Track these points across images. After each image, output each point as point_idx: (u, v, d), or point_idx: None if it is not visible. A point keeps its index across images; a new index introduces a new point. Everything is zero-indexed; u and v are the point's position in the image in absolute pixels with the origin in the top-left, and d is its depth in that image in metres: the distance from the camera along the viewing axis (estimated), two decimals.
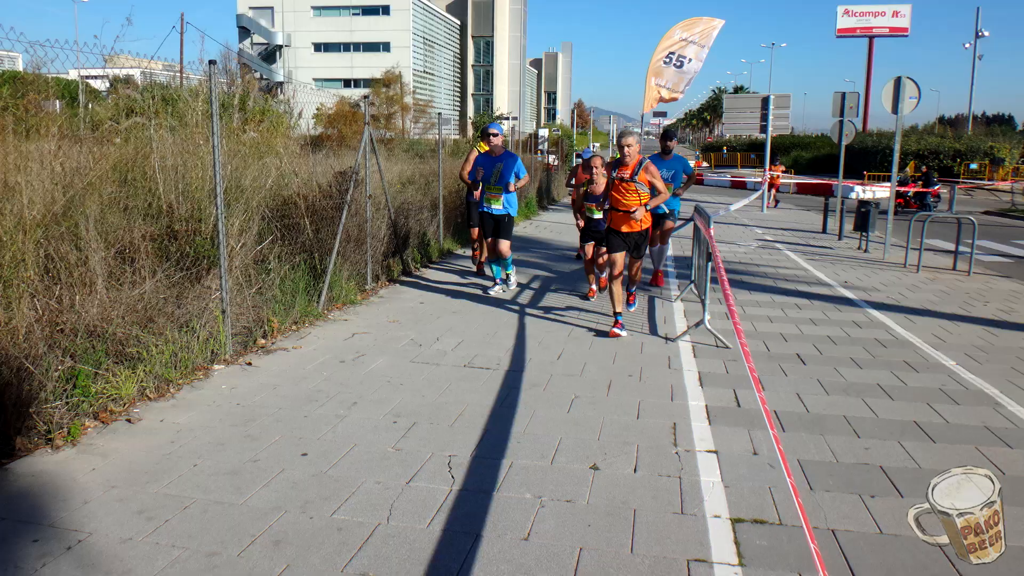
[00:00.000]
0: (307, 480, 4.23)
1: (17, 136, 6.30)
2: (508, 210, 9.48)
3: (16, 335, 4.75)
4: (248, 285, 7.33)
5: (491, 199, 9.47)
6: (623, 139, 7.58)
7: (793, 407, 5.57)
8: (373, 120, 35.30)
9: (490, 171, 9.41)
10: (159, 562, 3.36)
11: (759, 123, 23.67)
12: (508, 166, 9.39)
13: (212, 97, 6.24)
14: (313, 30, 72.93)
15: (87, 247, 5.82)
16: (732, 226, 19.19)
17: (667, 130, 10.47)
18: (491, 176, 9.40)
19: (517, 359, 6.74)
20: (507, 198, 9.45)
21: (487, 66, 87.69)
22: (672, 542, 3.62)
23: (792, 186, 36.27)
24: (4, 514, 3.75)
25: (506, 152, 9.63)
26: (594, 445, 4.80)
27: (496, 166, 9.39)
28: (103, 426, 4.92)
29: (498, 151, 9.54)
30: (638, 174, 7.44)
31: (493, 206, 9.46)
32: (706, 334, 7.54)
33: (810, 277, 11.50)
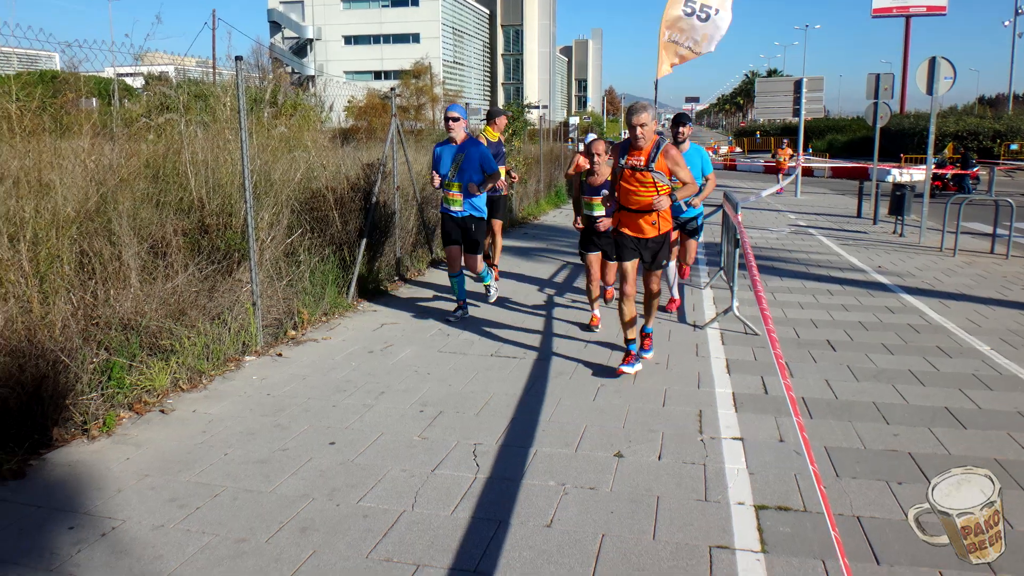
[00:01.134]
0: (334, 468, 4.30)
1: (52, 134, 6.45)
2: (472, 211, 7.58)
3: (53, 329, 4.88)
4: (279, 277, 7.43)
5: (451, 199, 7.57)
6: (634, 116, 5.75)
7: (821, 394, 5.52)
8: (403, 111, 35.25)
9: (448, 164, 7.49)
10: (189, 548, 3.45)
11: (792, 107, 23.37)
12: (471, 158, 7.40)
13: (239, 92, 6.32)
14: (343, 23, 73.32)
15: (120, 242, 5.95)
16: (764, 212, 19.00)
17: (679, 115, 8.25)
18: (449, 170, 7.48)
19: (543, 348, 6.76)
20: (471, 199, 7.55)
21: (517, 55, 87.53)
22: (695, 529, 3.62)
23: (827, 170, 35.76)
24: (41, 502, 3.87)
25: (469, 139, 7.54)
26: (619, 433, 4.81)
27: (456, 157, 7.44)
28: (137, 417, 5.04)
29: (459, 139, 7.46)
30: (655, 160, 5.76)
31: (452, 208, 7.59)
32: (735, 321, 7.49)
33: (843, 262, 11.35)
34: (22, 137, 6.10)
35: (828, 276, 10.20)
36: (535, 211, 17.95)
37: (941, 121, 41.73)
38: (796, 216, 18.00)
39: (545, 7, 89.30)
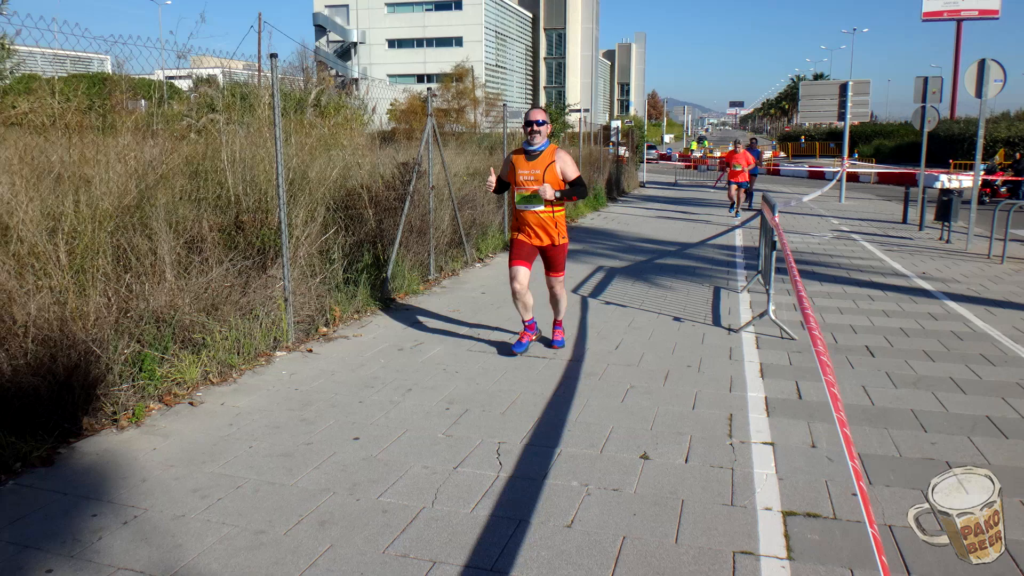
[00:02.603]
0: (357, 463, 4.30)
1: (97, 133, 6.57)
2: None
3: (86, 320, 4.95)
4: (312, 275, 7.48)
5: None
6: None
7: (858, 400, 5.38)
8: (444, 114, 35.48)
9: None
10: (208, 539, 3.46)
11: (837, 110, 22.96)
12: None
13: (274, 89, 6.37)
14: (387, 27, 73.97)
15: (157, 237, 6.03)
16: (807, 216, 18.69)
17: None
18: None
19: (574, 348, 6.70)
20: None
21: (559, 58, 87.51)
22: (719, 533, 3.54)
23: (872, 175, 35.09)
24: (67, 490, 3.92)
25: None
26: (646, 435, 4.73)
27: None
28: (167, 408, 5.09)
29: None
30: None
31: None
32: (770, 325, 7.35)
33: (886, 268, 11.10)
34: (64, 134, 6.23)
35: (869, 281, 9.98)
36: (573, 214, 17.88)
37: (992, 126, 40.64)
38: (839, 221, 17.67)
39: (589, 11, 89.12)
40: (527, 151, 6.17)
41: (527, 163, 6.15)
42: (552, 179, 6.04)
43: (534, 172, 6.10)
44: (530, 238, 6.30)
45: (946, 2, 51.23)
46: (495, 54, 75.22)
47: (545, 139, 6.18)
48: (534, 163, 6.12)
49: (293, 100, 12.45)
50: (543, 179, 6.04)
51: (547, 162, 6.08)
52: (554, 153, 6.13)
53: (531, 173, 6.10)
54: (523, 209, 6.21)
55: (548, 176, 6.05)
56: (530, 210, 6.19)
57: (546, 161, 6.09)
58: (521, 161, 6.19)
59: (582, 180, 6.22)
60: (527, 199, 6.15)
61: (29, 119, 6.66)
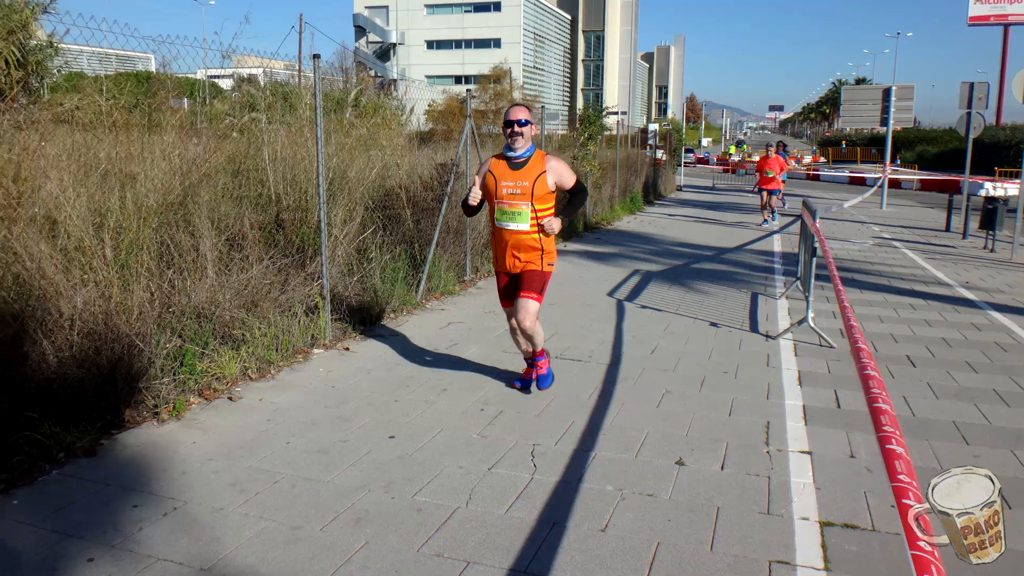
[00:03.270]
0: (392, 462, 4.32)
1: (142, 131, 6.70)
2: None
3: (130, 314, 5.05)
4: (350, 273, 7.55)
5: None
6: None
7: (898, 410, 5.28)
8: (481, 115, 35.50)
9: None
10: (246, 532, 3.51)
11: (879, 115, 22.60)
12: None
13: (316, 90, 6.44)
14: (426, 28, 74.34)
15: (199, 234, 6.13)
16: (846, 223, 18.42)
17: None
18: None
19: (610, 352, 6.67)
20: None
21: (597, 61, 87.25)
22: (755, 542, 3.50)
23: (915, 182, 34.50)
24: (109, 480, 4.00)
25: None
26: (681, 440, 4.70)
27: None
28: (206, 402, 5.17)
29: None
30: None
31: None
32: (809, 332, 7.26)
33: (928, 276, 10.90)
34: (111, 131, 6.36)
35: (911, 290, 9.80)
36: (609, 216, 17.82)
37: None
38: (880, 228, 17.39)
39: (627, 13, 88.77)
40: (509, 158, 5.11)
41: (511, 173, 5.07)
42: (543, 193, 5.04)
43: (520, 184, 5.03)
44: (507, 264, 5.25)
45: (993, 6, 50.23)
46: (533, 56, 75.23)
47: (530, 143, 5.14)
48: (519, 173, 5.04)
49: (332, 100, 12.59)
50: (532, 193, 5.00)
51: (536, 172, 5.03)
52: (544, 161, 5.08)
53: (516, 185, 5.03)
54: (503, 227, 5.15)
55: (538, 189, 5.01)
56: (511, 229, 5.11)
57: (535, 171, 5.03)
58: (503, 170, 5.10)
59: (581, 184, 5.28)
60: (509, 215, 5.09)
61: (77, 116, 6.80)
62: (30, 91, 13.31)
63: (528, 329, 5.15)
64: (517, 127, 5.03)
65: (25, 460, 4.08)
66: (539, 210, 5.07)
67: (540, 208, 5.07)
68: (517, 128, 5.03)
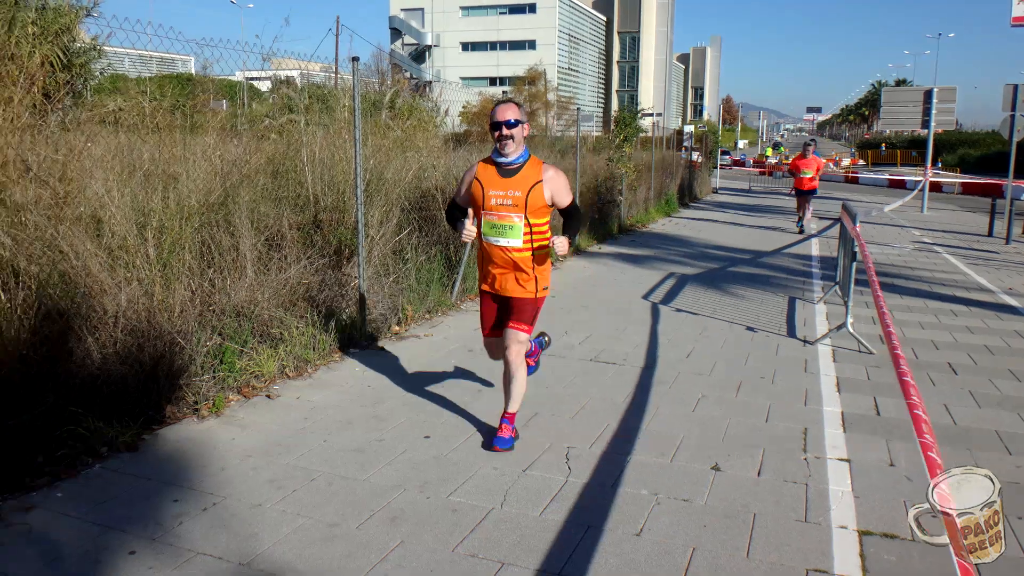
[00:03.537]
0: (427, 461, 4.35)
1: (184, 132, 6.81)
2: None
3: (171, 312, 5.14)
4: (386, 274, 7.61)
5: None
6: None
7: (939, 418, 5.20)
8: None
9: None
10: (284, 528, 3.55)
11: (920, 118, 22.21)
12: None
13: (355, 92, 6.50)
14: (461, 30, 74.61)
15: (239, 234, 6.21)
16: (886, 227, 18.14)
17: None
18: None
19: (645, 356, 6.64)
20: None
21: (632, 62, 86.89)
22: (792, 550, 3.47)
23: (956, 186, 33.85)
24: (151, 475, 4.08)
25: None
26: (717, 445, 4.67)
27: None
28: (245, 400, 5.25)
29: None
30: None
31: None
32: (848, 338, 7.16)
33: (970, 282, 10.69)
34: (154, 133, 6.48)
35: (952, 296, 9.62)
36: (644, 219, 17.75)
37: None
38: (920, 232, 17.10)
39: (663, 14, 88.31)
40: (499, 164, 4.41)
41: (500, 180, 4.38)
42: (539, 205, 4.36)
43: (511, 194, 4.33)
44: (498, 286, 4.59)
45: None
46: (568, 57, 75.14)
47: (522, 147, 4.43)
48: (511, 182, 4.36)
49: (368, 102, 12.69)
50: (526, 205, 4.32)
51: (531, 182, 4.34)
52: (540, 170, 4.38)
53: (507, 195, 4.34)
54: (491, 243, 4.45)
55: (533, 201, 4.32)
56: (502, 245, 4.42)
57: (530, 180, 4.34)
58: (491, 177, 4.41)
59: (577, 206, 4.55)
60: (499, 229, 4.39)
61: (121, 118, 6.94)
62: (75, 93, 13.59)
63: (512, 361, 4.57)
64: (506, 129, 4.30)
65: (69, 454, 4.17)
66: (535, 225, 4.39)
67: (536, 222, 4.40)
68: (506, 130, 4.30)
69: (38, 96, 5.64)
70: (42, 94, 5.75)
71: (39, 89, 5.64)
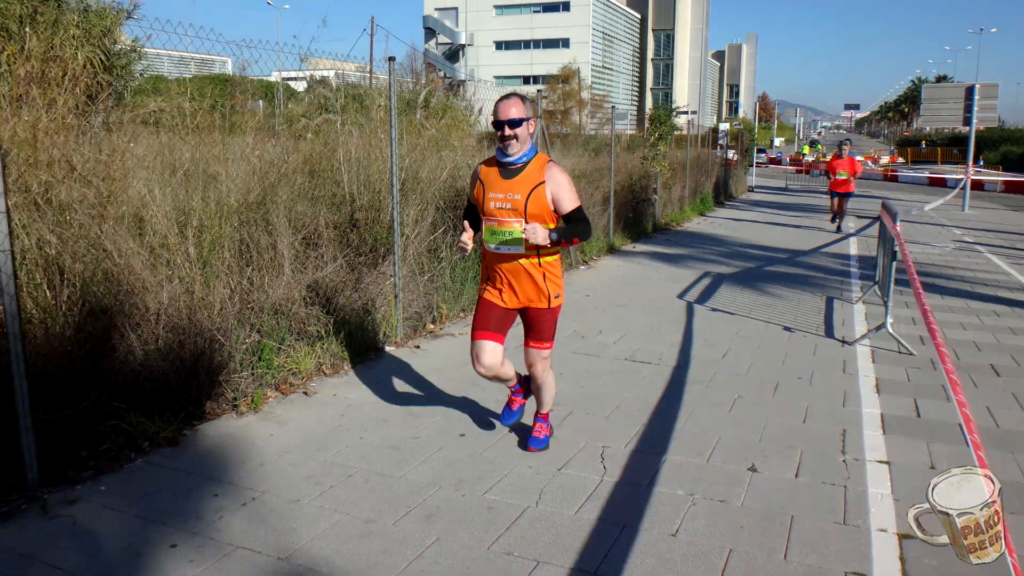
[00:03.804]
0: (463, 459, 4.37)
1: (222, 132, 6.92)
2: None
3: (211, 310, 5.22)
4: (421, 272, 7.65)
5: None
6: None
7: (981, 421, 5.10)
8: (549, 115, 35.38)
9: None
10: (321, 524, 3.59)
11: (962, 115, 21.80)
12: None
13: (391, 92, 6.55)
14: (495, 28, 74.71)
15: (277, 233, 6.29)
16: (926, 226, 17.83)
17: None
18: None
19: (680, 355, 6.61)
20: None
21: (667, 60, 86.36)
22: (830, 553, 3.43)
23: (999, 184, 33.16)
24: (191, 469, 4.15)
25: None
26: (754, 446, 4.63)
27: None
28: (282, 396, 5.32)
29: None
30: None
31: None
32: (887, 339, 7.05)
33: (1013, 282, 10.47)
34: (193, 133, 6.59)
35: (995, 296, 9.43)
36: (679, 217, 17.64)
37: None
38: (962, 232, 16.78)
39: (698, 11, 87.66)
40: (502, 164, 4.03)
41: (501, 182, 4.00)
42: (540, 209, 3.94)
43: (511, 197, 3.96)
44: (502, 296, 4.18)
45: None
46: (602, 55, 74.88)
47: (529, 146, 4.02)
48: (512, 183, 3.98)
49: (403, 101, 12.77)
50: (525, 207, 3.92)
51: (533, 183, 3.94)
52: (544, 170, 3.98)
53: (507, 198, 3.96)
54: (495, 251, 4.08)
55: (533, 204, 3.92)
56: (504, 253, 4.06)
57: (531, 181, 3.95)
58: (493, 178, 4.04)
59: (584, 214, 4.03)
60: (501, 236, 4.02)
61: (161, 119, 7.06)
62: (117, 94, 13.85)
63: (539, 376, 4.37)
64: (508, 128, 3.90)
65: (112, 448, 4.26)
66: None
67: None
68: (508, 130, 3.91)
69: (81, 97, 5.76)
70: (85, 95, 5.87)
71: (82, 90, 5.76)
